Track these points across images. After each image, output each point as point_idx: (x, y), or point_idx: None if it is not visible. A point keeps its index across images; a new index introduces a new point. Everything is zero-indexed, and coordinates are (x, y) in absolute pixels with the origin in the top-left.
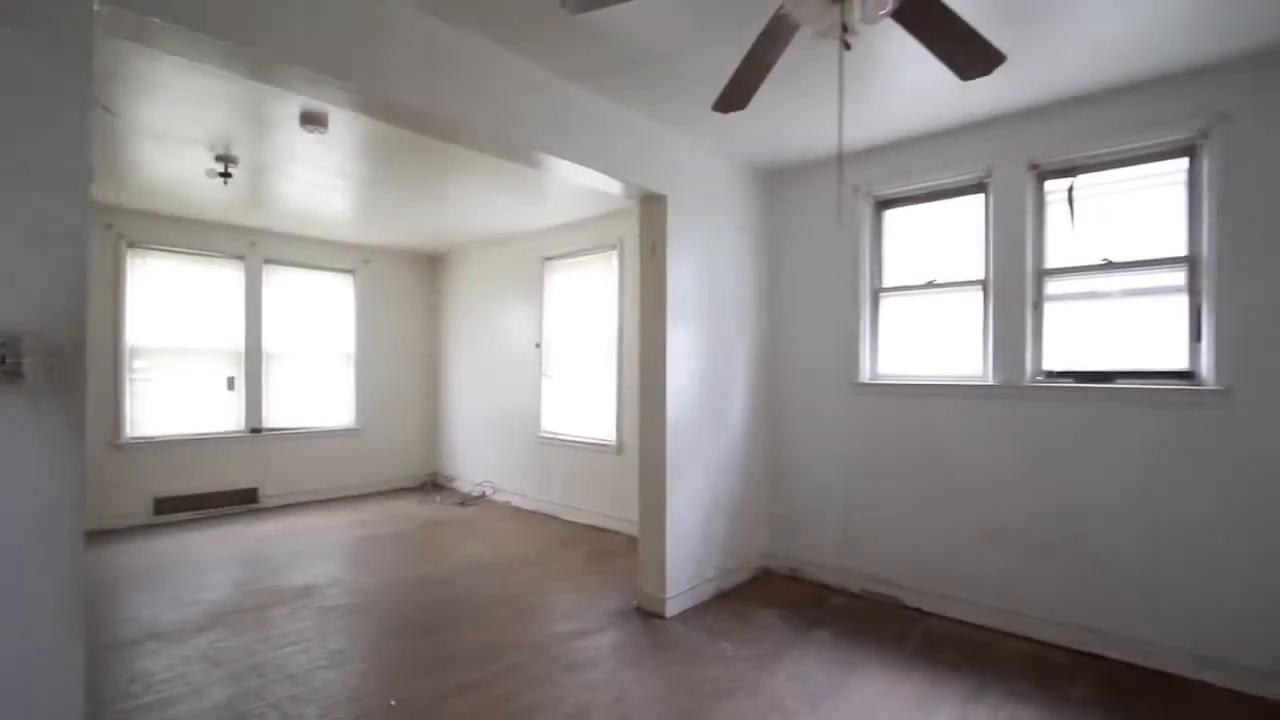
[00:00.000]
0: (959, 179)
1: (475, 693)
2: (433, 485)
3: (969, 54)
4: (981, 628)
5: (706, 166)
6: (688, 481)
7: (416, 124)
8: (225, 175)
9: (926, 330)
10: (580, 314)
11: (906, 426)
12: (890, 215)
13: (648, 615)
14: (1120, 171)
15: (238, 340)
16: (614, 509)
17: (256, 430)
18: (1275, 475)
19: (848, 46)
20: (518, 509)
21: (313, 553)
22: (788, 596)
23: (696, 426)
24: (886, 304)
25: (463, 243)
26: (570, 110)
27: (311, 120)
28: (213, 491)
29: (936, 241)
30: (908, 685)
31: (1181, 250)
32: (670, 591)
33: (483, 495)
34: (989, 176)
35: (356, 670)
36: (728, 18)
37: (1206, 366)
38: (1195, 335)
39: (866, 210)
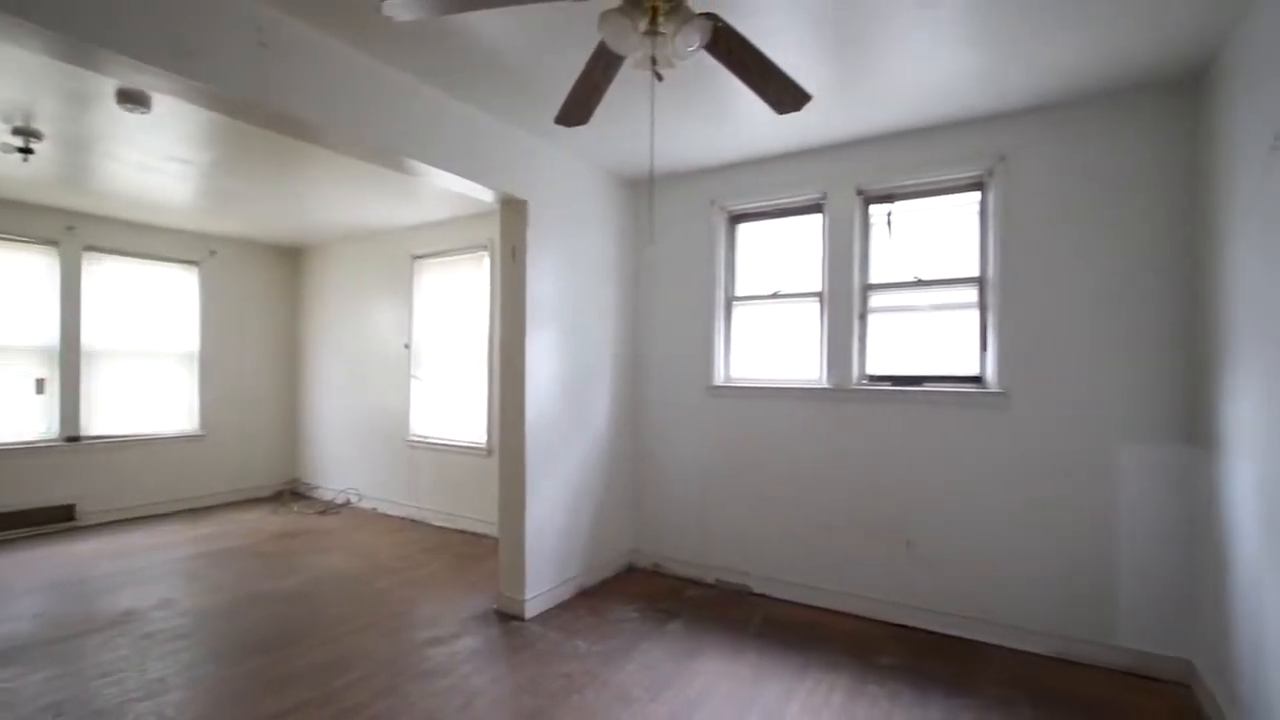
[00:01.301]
0: (801, 199)
1: (314, 710)
2: (290, 494)
3: (780, 91)
4: (816, 609)
5: (570, 174)
6: (549, 482)
7: (252, 117)
8: (25, 151)
9: (773, 336)
10: (451, 314)
11: (754, 426)
12: (743, 229)
13: (507, 618)
14: (929, 200)
15: (51, 336)
16: (485, 512)
17: (74, 439)
18: (1042, 464)
19: (659, 78)
20: (384, 516)
21: (139, 574)
22: (648, 591)
23: (558, 428)
24: (739, 312)
25: (326, 237)
26: (426, 112)
27: (130, 99)
28: (14, 510)
29: (783, 255)
30: (744, 665)
31: (975, 272)
32: (530, 592)
33: (346, 503)
34: (825, 199)
35: (177, 699)
36: (577, 32)
37: (991, 372)
38: (983, 345)
39: (721, 223)
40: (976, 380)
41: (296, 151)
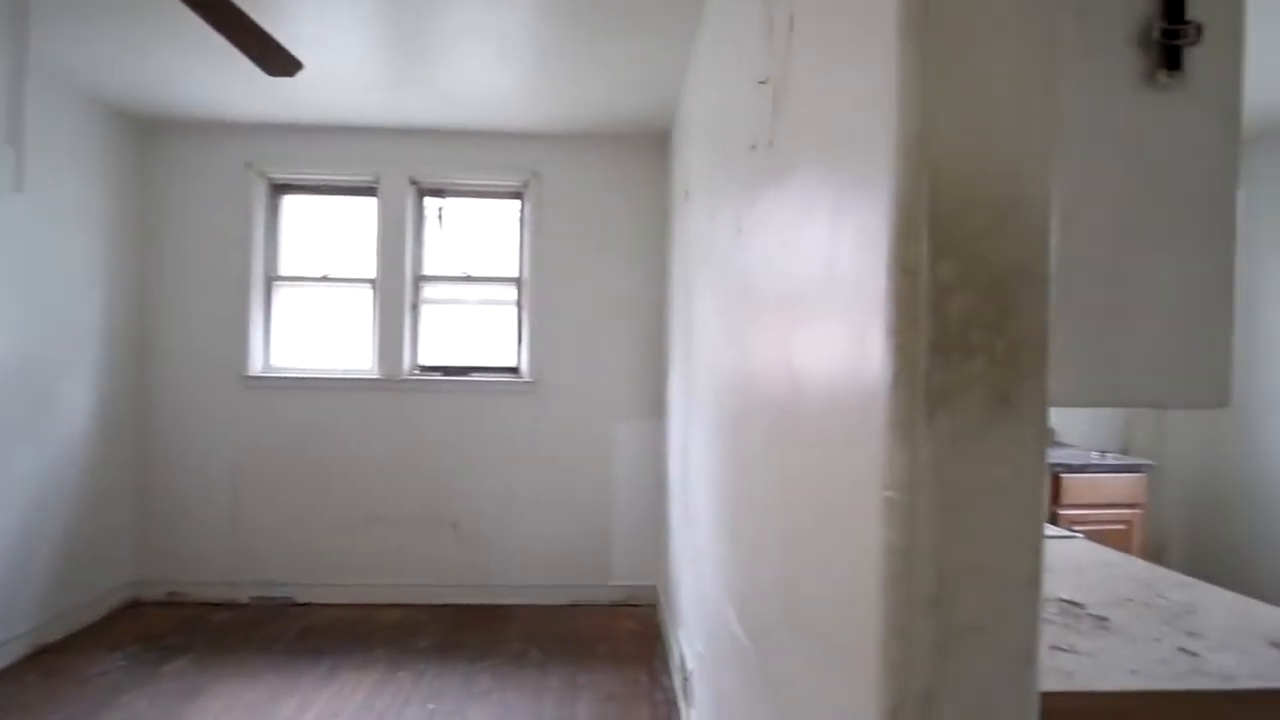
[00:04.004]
0: (353, 178)
1: None
2: None
3: (264, 50)
4: (365, 606)
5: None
6: None
7: None
8: None
9: (324, 323)
10: None
11: (301, 420)
12: (288, 200)
13: None
14: (479, 201)
15: None
16: None
17: None
18: (563, 441)
19: None
20: None
21: None
22: (152, 629)
23: None
24: (282, 293)
25: None
26: None
27: None
28: None
29: (335, 235)
30: (261, 689)
31: (514, 272)
32: None
33: None
34: (378, 182)
35: None
36: None
37: (525, 363)
38: (519, 339)
39: (260, 191)
40: (514, 371)
41: None
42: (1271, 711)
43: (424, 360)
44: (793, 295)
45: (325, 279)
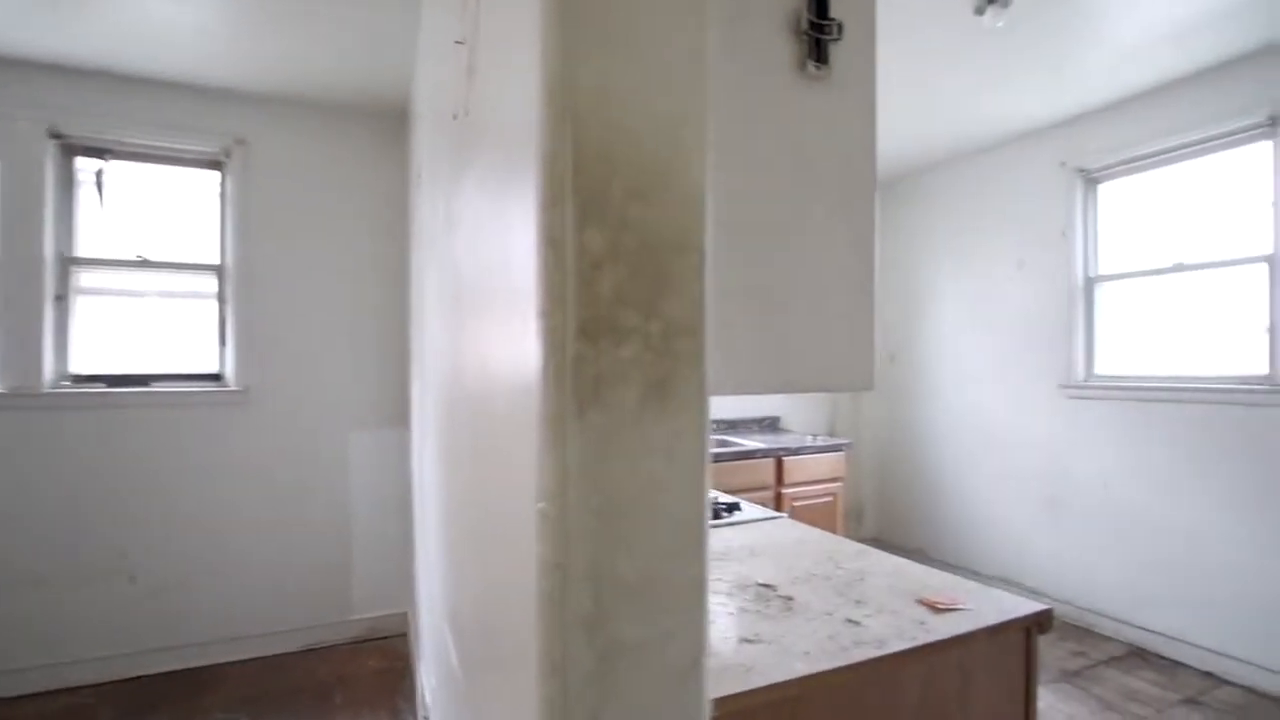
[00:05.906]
0: None
1: None
2: None
3: None
4: (12, 700)
5: None
6: None
7: None
8: None
9: None
10: None
11: None
12: None
13: None
14: (161, 168)
15: None
16: None
17: None
18: (287, 460)
19: None
20: None
21: None
22: None
23: None
24: None
25: None
26: None
27: None
28: None
29: None
30: None
31: (214, 259)
32: None
33: None
34: None
35: None
36: None
37: (230, 368)
38: (223, 340)
39: None
40: (216, 378)
41: None
42: (915, 665)
43: (79, 368)
44: (484, 283)
45: None
